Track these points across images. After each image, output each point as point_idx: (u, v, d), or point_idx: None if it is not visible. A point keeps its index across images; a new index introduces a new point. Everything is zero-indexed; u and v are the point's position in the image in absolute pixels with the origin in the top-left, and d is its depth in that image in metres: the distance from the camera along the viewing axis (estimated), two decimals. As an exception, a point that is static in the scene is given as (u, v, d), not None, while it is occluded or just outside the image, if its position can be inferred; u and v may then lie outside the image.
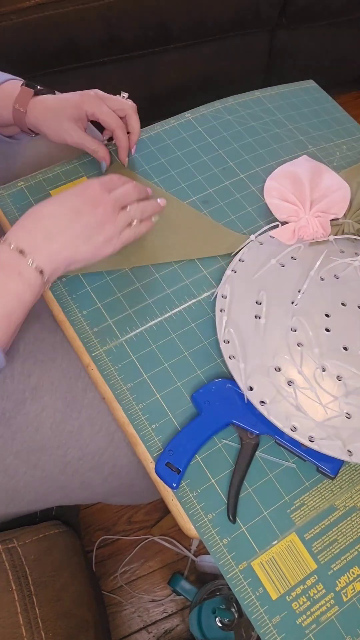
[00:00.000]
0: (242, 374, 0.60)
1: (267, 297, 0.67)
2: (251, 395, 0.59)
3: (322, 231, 0.73)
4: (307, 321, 0.64)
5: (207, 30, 1.45)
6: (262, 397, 0.59)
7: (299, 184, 0.78)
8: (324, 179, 0.79)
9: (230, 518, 0.55)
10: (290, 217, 0.75)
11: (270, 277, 0.69)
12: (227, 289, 0.68)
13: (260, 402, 0.59)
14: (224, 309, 0.66)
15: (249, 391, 0.60)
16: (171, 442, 0.57)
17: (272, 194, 0.78)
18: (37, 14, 1.22)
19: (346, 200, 0.77)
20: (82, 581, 0.78)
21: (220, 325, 0.65)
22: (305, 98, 0.94)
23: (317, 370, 0.61)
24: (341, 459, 0.56)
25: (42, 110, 0.73)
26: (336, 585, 0.53)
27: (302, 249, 0.72)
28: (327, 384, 0.61)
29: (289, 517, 0.56)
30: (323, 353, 0.63)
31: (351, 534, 0.56)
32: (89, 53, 1.36)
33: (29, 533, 0.75)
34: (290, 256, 0.71)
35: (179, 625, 1.16)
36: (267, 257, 0.70)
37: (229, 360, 0.62)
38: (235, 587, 0.53)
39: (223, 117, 0.89)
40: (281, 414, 0.58)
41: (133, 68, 1.48)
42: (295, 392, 0.60)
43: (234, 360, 0.62)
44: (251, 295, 0.67)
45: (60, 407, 0.67)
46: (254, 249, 0.72)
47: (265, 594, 0.53)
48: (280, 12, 1.52)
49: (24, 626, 0.66)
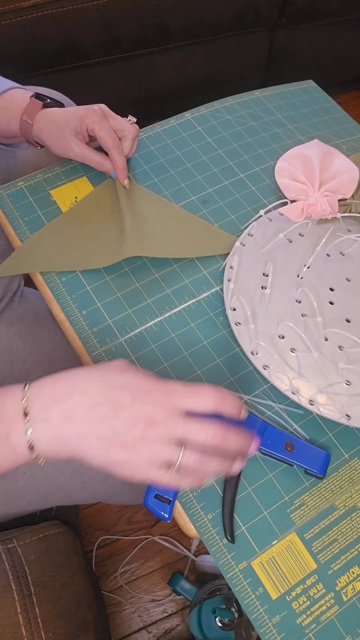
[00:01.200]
0: (248, 338, 0.64)
1: (273, 269, 0.70)
2: (255, 360, 0.62)
3: (330, 209, 0.76)
4: (312, 293, 0.67)
5: (207, 30, 1.45)
6: (266, 362, 0.63)
7: (310, 165, 0.81)
8: (334, 161, 0.82)
9: (228, 538, 0.55)
10: (299, 196, 0.78)
11: (277, 252, 0.72)
12: (235, 260, 0.71)
13: (263, 366, 0.62)
14: (231, 279, 0.69)
15: (253, 356, 0.62)
16: None
17: (283, 174, 0.81)
18: (36, 14, 1.22)
19: (354, 182, 0.80)
20: (82, 581, 0.78)
21: (227, 293, 0.68)
22: (305, 98, 0.94)
23: (319, 340, 0.64)
24: (340, 422, 0.59)
25: (46, 122, 0.73)
26: (336, 584, 0.53)
27: (310, 226, 0.75)
28: (329, 352, 0.64)
29: (288, 516, 0.56)
30: (326, 323, 0.66)
31: (351, 533, 0.56)
32: (88, 53, 1.36)
33: (29, 533, 0.75)
34: (298, 232, 0.74)
35: (179, 625, 1.16)
36: (275, 232, 0.73)
37: (235, 327, 0.65)
38: (235, 587, 0.53)
39: (222, 116, 0.89)
40: (283, 378, 0.62)
41: (132, 68, 1.48)
42: (297, 358, 0.63)
43: (240, 326, 0.65)
44: (258, 267, 0.71)
45: None
46: (263, 225, 0.75)
47: (265, 594, 0.53)
48: (279, 12, 1.51)
49: (23, 626, 0.66)
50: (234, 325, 0.65)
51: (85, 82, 1.44)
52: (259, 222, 0.74)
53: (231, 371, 0.64)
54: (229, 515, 0.55)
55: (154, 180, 0.80)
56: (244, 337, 0.64)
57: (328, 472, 0.58)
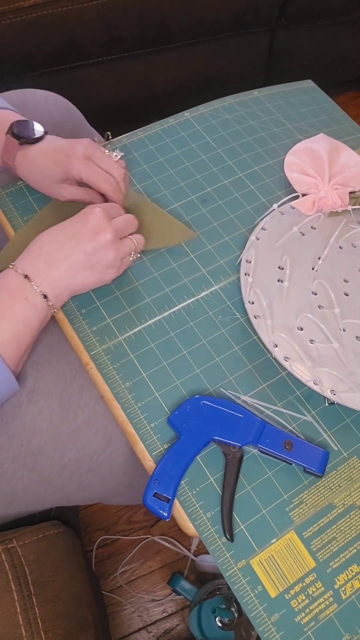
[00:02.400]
0: (269, 331, 0.65)
1: (290, 262, 0.71)
2: (276, 352, 0.63)
3: (341, 202, 0.77)
4: (328, 285, 0.69)
5: (207, 30, 1.45)
6: (287, 354, 0.63)
7: (318, 159, 0.81)
8: (341, 155, 0.83)
9: (227, 537, 0.55)
10: (309, 189, 0.79)
11: (291, 245, 0.74)
12: (251, 254, 0.72)
13: (284, 358, 0.63)
14: (248, 273, 0.70)
15: (274, 348, 0.63)
16: (155, 472, 0.57)
17: (292, 168, 0.82)
18: (36, 13, 1.22)
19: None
20: (81, 581, 0.78)
21: (245, 287, 0.69)
22: (304, 98, 0.94)
23: (337, 330, 0.66)
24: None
25: (29, 169, 0.72)
26: (335, 583, 0.53)
27: (322, 218, 0.77)
28: (347, 342, 0.65)
29: (287, 515, 0.56)
30: (343, 314, 0.67)
31: (350, 531, 0.56)
32: (89, 52, 1.36)
33: (29, 533, 0.75)
34: (310, 225, 0.76)
35: (179, 625, 1.16)
36: (289, 226, 0.75)
37: (254, 320, 0.66)
38: (234, 585, 0.53)
39: (222, 116, 0.89)
40: (304, 369, 0.62)
41: (132, 67, 1.48)
42: (317, 349, 0.64)
43: (259, 319, 0.66)
44: (274, 261, 0.72)
45: (56, 410, 0.67)
46: (276, 219, 0.76)
47: (264, 592, 0.53)
48: (279, 12, 1.51)
49: (23, 626, 0.66)
50: (252, 319, 0.66)
51: (85, 82, 1.44)
52: (272, 216, 0.76)
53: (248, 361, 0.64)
54: (227, 514, 0.55)
55: (154, 180, 0.80)
56: (263, 330, 0.65)
57: (327, 470, 0.58)
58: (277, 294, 0.69)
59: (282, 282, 0.69)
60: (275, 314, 0.67)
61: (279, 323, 0.66)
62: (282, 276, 0.70)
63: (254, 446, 0.58)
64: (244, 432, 0.58)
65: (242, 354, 0.65)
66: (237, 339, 0.66)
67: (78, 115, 0.96)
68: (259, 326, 0.65)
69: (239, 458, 0.58)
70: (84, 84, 1.44)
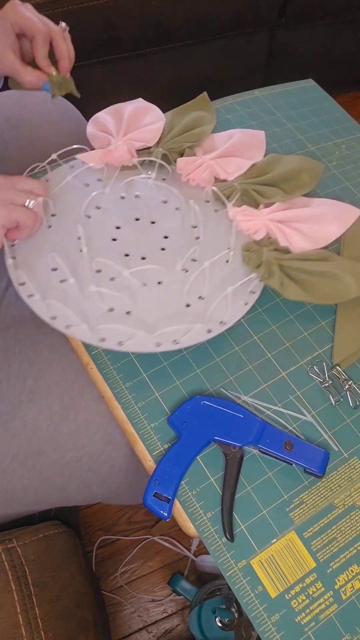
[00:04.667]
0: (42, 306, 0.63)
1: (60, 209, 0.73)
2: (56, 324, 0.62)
3: (129, 156, 0.77)
4: (94, 230, 0.71)
5: (207, 30, 1.45)
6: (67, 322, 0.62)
7: (119, 116, 0.81)
8: (148, 115, 0.82)
9: (227, 537, 0.55)
10: (103, 144, 0.79)
11: (70, 196, 0.75)
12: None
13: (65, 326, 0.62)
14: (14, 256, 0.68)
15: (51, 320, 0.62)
16: (155, 472, 0.57)
17: (92, 126, 0.81)
18: (36, 14, 1.22)
19: (159, 131, 0.80)
20: (82, 581, 0.78)
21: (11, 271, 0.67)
22: (305, 97, 0.94)
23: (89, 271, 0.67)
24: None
25: None
26: (335, 583, 0.53)
27: (108, 172, 0.77)
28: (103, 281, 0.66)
29: (288, 515, 0.56)
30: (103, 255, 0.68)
31: (350, 532, 0.56)
32: (89, 52, 1.36)
33: (29, 533, 0.75)
34: (97, 178, 0.77)
35: (179, 625, 1.16)
36: (79, 180, 0.76)
37: (27, 299, 0.63)
38: (234, 586, 0.53)
39: (222, 116, 0.89)
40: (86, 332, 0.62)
41: (132, 67, 1.48)
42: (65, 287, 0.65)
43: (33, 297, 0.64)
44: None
45: (57, 410, 0.67)
46: (63, 172, 0.77)
47: (264, 592, 0.52)
48: (279, 12, 1.52)
49: (23, 626, 0.66)
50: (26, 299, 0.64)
51: (85, 82, 1.43)
52: (59, 169, 0.77)
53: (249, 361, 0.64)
54: (228, 514, 0.55)
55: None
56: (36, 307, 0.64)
57: (327, 470, 0.58)
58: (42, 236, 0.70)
59: (50, 228, 0.71)
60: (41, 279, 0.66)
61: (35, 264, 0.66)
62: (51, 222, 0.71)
63: (255, 446, 0.58)
64: (244, 432, 0.58)
65: (242, 354, 0.65)
66: (237, 339, 0.66)
67: (77, 115, 0.96)
68: (34, 304, 0.63)
69: (240, 458, 0.58)
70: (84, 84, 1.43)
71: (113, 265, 0.67)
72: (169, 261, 0.69)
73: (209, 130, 0.81)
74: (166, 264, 0.68)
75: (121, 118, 0.80)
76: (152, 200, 0.75)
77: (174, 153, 0.79)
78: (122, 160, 0.77)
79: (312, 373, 0.64)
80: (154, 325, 0.62)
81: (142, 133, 0.79)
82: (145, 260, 0.69)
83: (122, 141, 0.77)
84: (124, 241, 0.71)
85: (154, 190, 0.76)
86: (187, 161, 0.77)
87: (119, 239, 0.71)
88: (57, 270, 0.66)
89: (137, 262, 0.69)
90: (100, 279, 0.66)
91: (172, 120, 0.83)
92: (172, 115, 0.84)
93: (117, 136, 0.78)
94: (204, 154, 0.79)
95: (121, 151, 0.77)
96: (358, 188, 0.82)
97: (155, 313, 0.64)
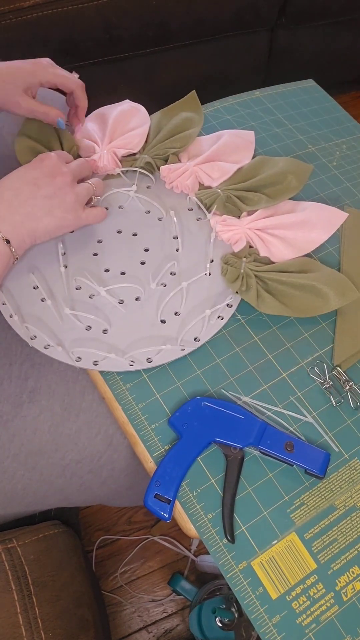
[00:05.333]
0: (21, 326, 0.64)
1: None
2: (35, 343, 0.63)
3: (113, 165, 0.77)
4: (81, 247, 0.71)
5: (207, 30, 1.45)
6: (45, 342, 0.63)
7: (103, 122, 0.81)
8: (133, 119, 0.81)
9: (228, 538, 0.54)
10: (88, 153, 0.78)
11: None
12: None
13: (44, 346, 0.63)
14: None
15: (31, 340, 0.63)
16: (156, 473, 0.56)
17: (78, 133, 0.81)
18: (36, 13, 1.22)
19: (144, 137, 0.79)
20: (82, 581, 0.78)
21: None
22: (305, 97, 0.94)
23: (70, 290, 0.67)
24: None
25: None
26: (336, 584, 0.53)
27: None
28: (79, 299, 0.67)
29: (288, 516, 0.56)
30: (84, 273, 0.69)
31: (351, 533, 0.56)
32: (88, 52, 1.36)
33: (29, 533, 0.75)
34: None
35: (179, 625, 1.16)
36: None
37: (9, 319, 0.64)
38: (235, 587, 0.53)
39: (222, 117, 0.89)
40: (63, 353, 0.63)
41: (132, 67, 1.48)
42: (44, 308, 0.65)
43: (13, 318, 0.64)
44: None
45: (58, 410, 0.67)
46: None
47: (265, 594, 0.52)
48: (279, 12, 1.52)
49: (23, 626, 0.66)
50: (8, 319, 0.64)
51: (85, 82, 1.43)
52: None
53: (249, 362, 0.64)
54: (229, 515, 0.55)
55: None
56: (17, 327, 0.64)
57: (328, 472, 0.58)
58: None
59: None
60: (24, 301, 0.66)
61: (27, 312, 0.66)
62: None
63: (255, 447, 0.58)
64: (245, 433, 0.58)
65: (242, 355, 0.65)
66: (238, 340, 0.66)
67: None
68: (14, 324, 0.64)
69: (240, 459, 0.58)
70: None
71: (91, 284, 0.67)
72: (148, 276, 0.69)
73: (195, 134, 0.81)
74: (145, 279, 0.69)
75: (105, 124, 0.80)
76: (135, 211, 0.75)
77: (159, 159, 0.78)
78: (107, 169, 0.77)
79: (313, 374, 0.65)
80: (127, 347, 0.63)
81: (127, 140, 0.78)
82: (125, 275, 0.69)
83: (106, 150, 0.77)
84: (104, 256, 0.71)
85: (137, 200, 0.76)
86: (171, 168, 0.76)
87: (100, 254, 0.71)
88: (39, 288, 0.67)
89: (116, 278, 0.69)
90: (80, 296, 0.67)
91: (159, 121, 0.82)
92: (161, 116, 0.83)
93: (101, 144, 0.78)
94: (189, 159, 0.78)
95: (105, 160, 0.77)
96: (359, 188, 0.82)
97: (131, 332, 0.64)
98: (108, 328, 0.64)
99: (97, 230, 0.73)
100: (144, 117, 0.81)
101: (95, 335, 0.64)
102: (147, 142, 0.80)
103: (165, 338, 0.64)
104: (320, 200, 0.80)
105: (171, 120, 0.81)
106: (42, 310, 0.65)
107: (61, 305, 0.65)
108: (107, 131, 0.79)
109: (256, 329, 0.67)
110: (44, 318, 0.65)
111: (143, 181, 0.78)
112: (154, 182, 0.78)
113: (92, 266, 0.70)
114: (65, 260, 0.69)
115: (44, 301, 0.66)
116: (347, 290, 0.66)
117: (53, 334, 0.63)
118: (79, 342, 0.63)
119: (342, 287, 0.66)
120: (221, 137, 0.80)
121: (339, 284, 0.66)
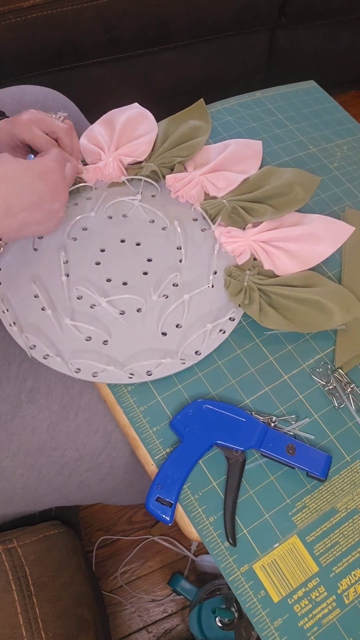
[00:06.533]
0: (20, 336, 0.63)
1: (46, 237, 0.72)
2: (34, 353, 0.63)
3: (119, 173, 0.76)
4: (78, 254, 0.71)
5: (207, 30, 1.45)
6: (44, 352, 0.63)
7: (111, 128, 0.80)
8: (141, 125, 0.80)
9: (229, 541, 0.54)
10: (94, 159, 0.78)
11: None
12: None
13: (43, 356, 0.62)
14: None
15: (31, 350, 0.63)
16: (158, 476, 0.56)
17: (85, 138, 0.80)
18: (35, 14, 1.21)
19: (150, 144, 0.79)
20: (82, 581, 0.78)
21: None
22: (306, 98, 0.94)
23: (71, 299, 0.67)
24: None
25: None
26: (338, 587, 0.53)
27: (97, 190, 0.77)
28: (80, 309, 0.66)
29: (290, 519, 0.56)
30: (86, 283, 0.68)
31: (353, 536, 0.56)
32: (88, 52, 1.36)
33: (29, 533, 0.75)
34: (86, 197, 0.76)
35: (179, 625, 1.16)
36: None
37: (9, 328, 0.64)
38: (237, 590, 0.53)
39: (223, 117, 0.88)
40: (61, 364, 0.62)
41: (132, 68, 1.47)
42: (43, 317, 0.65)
43: (12, 328, 0.64)
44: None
45: (56, 409, 0.68)
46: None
47: (267, 597, 0.53)
48: (279, 12, 1.51)
49: (23, 626, 0.66)
50: (8, 327, 0.64)
51: (85, 82, 1.43)
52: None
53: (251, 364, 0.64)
54: (230, 518, 0.55)
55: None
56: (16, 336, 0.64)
57: (330, 474, 0.58)
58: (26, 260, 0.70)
59: (37, 251, 0.71)
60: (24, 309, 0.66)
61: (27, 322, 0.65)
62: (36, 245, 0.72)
63: (257, 450, 0.58)
64: (246, 436, 0.58)
65: (244, 357, 0.65)
66: (239, 342, 0.66)
67: (76, 112, 0.96)
68: (14, 334, 0.64)
69: (242, 462, 0.58)
70: (84, 84, 1.43)
71: (92, 295, 0.66)
72: (150, 287, 0.69)
73: (202, 143, 0.80)
74: (147, 290, 0.68)
75: (113, 130, 0.79)
76: (139, 220, 0.75)
77: (165, 168, 0.78)
78: (112, 177, 0.76)
79: (315, 376, 0.65)
80: (127, 360, 0.63)
81: (133, 147, 0.77)
82: (127, 286, 0.69)
83: (112, 157, 0.76)
84: (107, 265, 0.70)
85: (142, 209, 0.75)
86: (176, 178, 0.76)
87: (103, 263, 0.70)
88: (39, 297, 0.66)
89: (118, 288, 0.68)
90: (80, 306, 0.66)
91: (167, 128, 0.82)
92: (168, 123, 0.83)
93: (108, 151, 0.77)
94: (195, 168, 0.78)
95: (111, 168, 0.76)
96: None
97: (131, 344, 0.64)
98: (108, 339, 0.64)
99: (101, 239, 0.72)
100: (151, 124, 0.80)
101: (95, 346, 0.64)
102: (153, 150, 0.79)
103: (166, 351, 0.64)
104: (321, 201, 0.80)
105: (178, 128, 0.81)
106: (41, 319, 0.65)
107: (61, 315, 0.65)
108: (114, 137, 0.78)
109: (257, 331, 0.67)
110: (44, 328, 0.64)
111: (148, 190, 0.77)
112: (159, 190, 0.77)
113: (94, 275, 0.69)
114: (67, 268, 0.69)
115: (44, 310, 0.65)
116: (351, 307, 0.66)
117: (52, 344, 0.63)
118: (79, 353, 0.63)
119: (347, 303, 0.66)
120: (228, 146, 0.80)
121: (343, 299, 0.66)
